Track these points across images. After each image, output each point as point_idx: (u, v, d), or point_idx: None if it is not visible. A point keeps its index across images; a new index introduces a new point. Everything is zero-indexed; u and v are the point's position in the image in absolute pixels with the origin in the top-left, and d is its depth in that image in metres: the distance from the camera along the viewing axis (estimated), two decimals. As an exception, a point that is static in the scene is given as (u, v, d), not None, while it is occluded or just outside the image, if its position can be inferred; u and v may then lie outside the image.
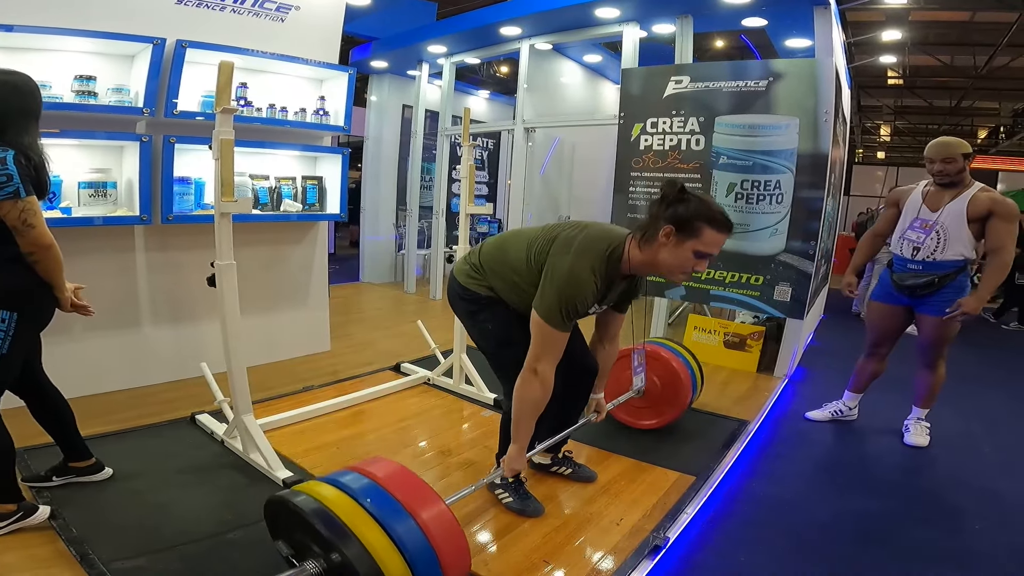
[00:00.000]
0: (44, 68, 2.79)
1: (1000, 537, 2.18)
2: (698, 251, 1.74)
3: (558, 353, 1.87)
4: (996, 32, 8.08)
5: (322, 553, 1.43)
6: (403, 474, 1.59)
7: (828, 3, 3.96)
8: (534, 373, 1.85)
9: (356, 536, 1.37)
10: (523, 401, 1.89)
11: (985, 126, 14.77)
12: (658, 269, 1.82)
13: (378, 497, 1.47)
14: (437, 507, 1.52)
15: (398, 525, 1.42)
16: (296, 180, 3.81)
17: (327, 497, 1.46)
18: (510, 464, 1.97)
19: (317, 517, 1.41)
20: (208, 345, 3.28)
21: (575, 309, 1.82)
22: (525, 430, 1.94)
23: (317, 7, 3.72)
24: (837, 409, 3.30)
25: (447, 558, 1.46)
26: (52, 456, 2.18)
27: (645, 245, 1.81)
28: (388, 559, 1.37)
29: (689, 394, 2.89)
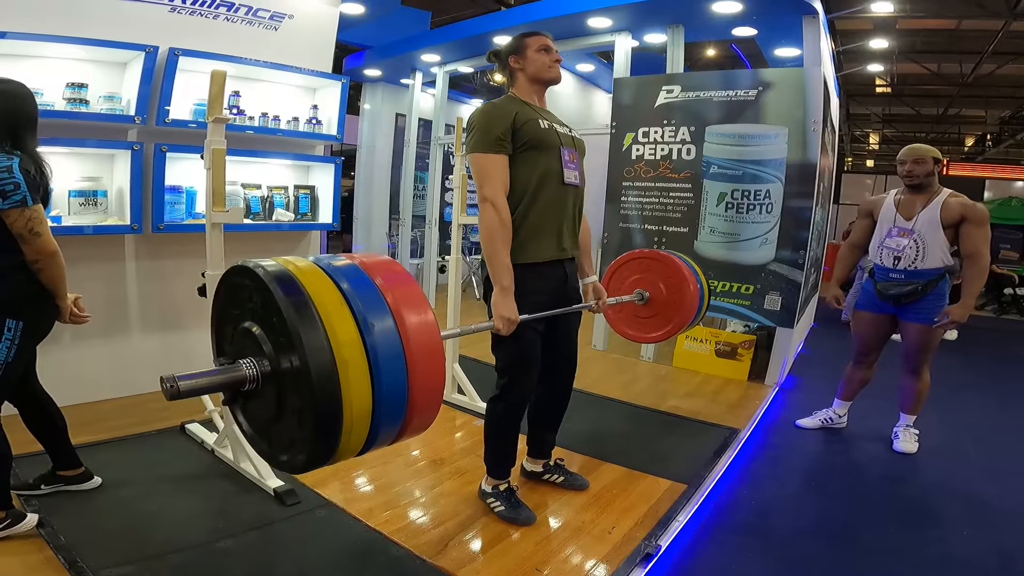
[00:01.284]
0: (36, 75, 2.79)
1: (988, 543, 2.19)
2: (538, 49, 2.09)
3: (499, 177, 1.95)
4: (982, 40, 8.19)
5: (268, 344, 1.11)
6: (394, 268, 1.26)
7: (816, 12, 4.01)
8: (484, 201, 1.94)
9: (320, 316, 1.06)
10: (485, 231, 1.94)
11: (972, 134, 14.94)
12: (535, 78, 2.11)
13: (359, 282, 1.15)
14: (425, 316, 1.19)
15: (374, 319, 1.11)
16: (288, 189, 3.81)
17: (298, 266, 1.14)
18: (498, 311, 1.87)
19: (277, 280, 1.08)
20: (198, 354, 3.24)
21: (499, 133, 1.94)
22: (499, 264, 1.91)
23: (311, 16, 3.73)
24: (827, 417, 3.32)
25: (418, 381, 1.15)
26: (40, 464, 2.16)
27: (515, 81, 2.13)
28: (351, 358, 1.06)
29: (696, 299, 2.58)
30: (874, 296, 3.00)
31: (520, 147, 1.97)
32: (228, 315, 1.26)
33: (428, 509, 2.26)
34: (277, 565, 1.86)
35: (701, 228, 4.07)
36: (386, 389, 1.10)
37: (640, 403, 3.57)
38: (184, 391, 1.06)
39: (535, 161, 2.00)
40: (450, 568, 1.89)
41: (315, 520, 2.13)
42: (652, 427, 3.27)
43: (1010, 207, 11.36)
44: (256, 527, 2.05)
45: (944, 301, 2.85)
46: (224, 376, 1.11)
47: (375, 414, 1.10)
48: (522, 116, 1.99)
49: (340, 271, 1.15)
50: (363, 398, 1.07)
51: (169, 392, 1.05)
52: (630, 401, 3.59)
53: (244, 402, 1.21)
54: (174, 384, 1.05)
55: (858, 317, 3.13)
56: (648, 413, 3.45)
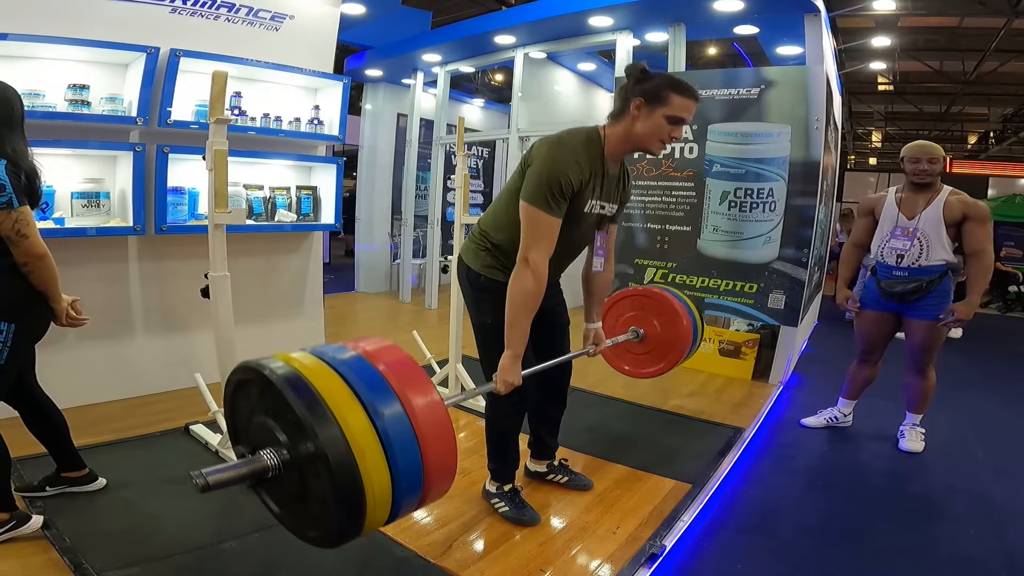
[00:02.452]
0: (37, 77, 2.80)
1: (994, 543, 2.18)
2: (669, 116, 1.79)
3: (549, 241, 1.79)
4: (984, 37, 8.18)
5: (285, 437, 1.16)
6: (395, 352, 1.32)
7: (818, 10, 4.00)
8: (525, 263, 1.77)
9: (332, 412, 1.11)
10: (515, 295, 1.78)
11: (975, 131, 14.91)
12: (635, 140, 1.85)
13: (364, 373, 1.20)
14: (430, 396, 1.25)
15: (383, 407, 1.16)
16: (291, 190, 3.81)
17: (304, 364, 1.18)
18: (503, 375, 1.80)
19: (288, 383, 1.13)
20: (202, 355, 3.26)
21: (560, 188, 1.76)
22: (519, 332, 1.79)
23: (312, 16, 3.73)
24: (832, 416, 3.31)
25: (433, 460, 1.21)
26: (44, 466, 2.16)
27: (619, 123, 1.85)
28: (367, 447, 1.11)
29: (691, 335, 2.66)
30: (877, 294, 2.99)
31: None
32: (239, 406, 1.32)
33: (432, 510, 2.25)
34: (281, 566, 1.86)
35: (704, 227, 4.06)
36: (403, 470, 1.15)
37: (643, 402, 3.56)
38: (213, 484, 1.12)
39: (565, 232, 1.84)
40: (454, 569, 1.89)
41: (319, 521, 2.12)
42: (656, 427, 3.26)
43: (1014, 204, 11.32)
44: (260, 528, 2.04)
45: (948, 298, 2.84)
46: (248, 468, 1.17)
47: (395, 492, 1.16)
48: (586, 182, 1.83)
49: (345, 364, 1.20)
50: (382, 481, 1.13)
51: (200, 487, 1.10)
52: (633, 400, 3.58)
53: (269, 486, 1.26)
54: (203, 479, 1.10)
55: (862, 316, 3.11)
56: (652, 412, 3.44)
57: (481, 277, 2.01)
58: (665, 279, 4.22)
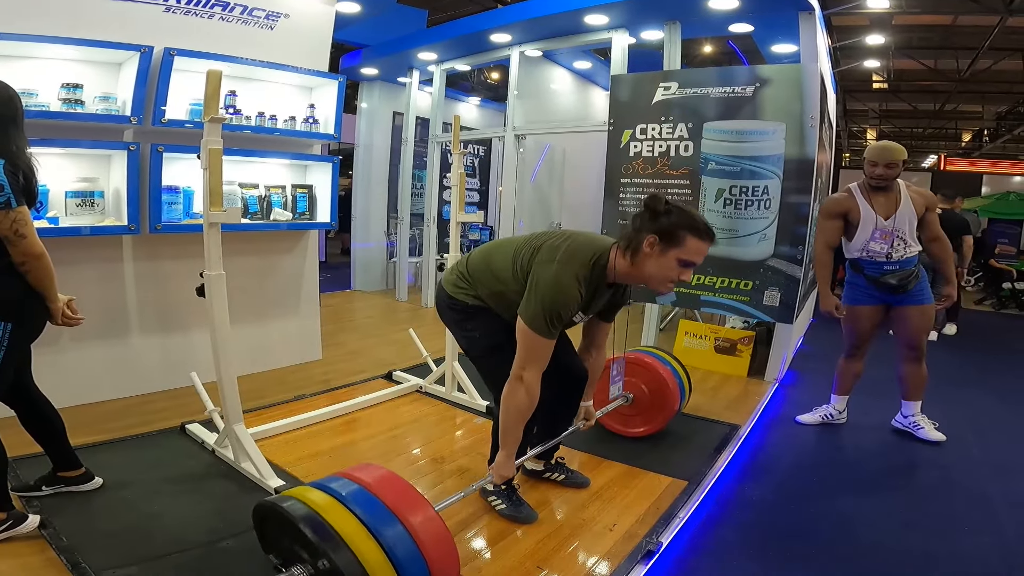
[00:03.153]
0: (30, 76, 2.79)
1: (990, 540, 2.20)
2: (682, 260, 1.78)
3: (543, 361, 1.89)
4: (978, 36, 8.21)
5: (310, 559, 1.43)
6: (392, 480, 1.59)
7: (813, 8, 4.01)
8: (520, 380, 1.87)
9: (345, 542, 1.37)
10: (509, 409, 1.91)
11: (969, 129, 14.97)
12: (643, 279, 1.85)
13: (367, 503, 1.47)
14: (426, 513, 1.52)
15: (387, 531, 1.42)
16: (286, 188, 3.80)
17: (316, 502, 1.45)
18: (499, 471, 1.99)
19: (305, 522, 1.40)
20: (198, 354, 3.26)
21: (559, 317, 1.83)
22: (512, 437, 1.96)
23: (306, 15, 3.72)
24: (827, 413, 3.32)
25: (436, 564, 1.46)
26: (41, 466, 2.16)
27: (630, 255, 1.83)
28: (377, 565, 1.36)
29: (677, 400, 2.91)
30: (868, 288, 3.02)
31: None
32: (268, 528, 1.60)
33: (429, 508, 2.26)
34: (279, 565, 1.86)
35: (699, 225, 4.06)
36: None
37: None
38: None
39: None
40: (452, 566, 1.89)
41: (316, 520, 2.13)
42: (652, 424, 3.27)
43: (1007, 202, 11.39)
44: (257, 527, 2.05)
45: (926, 280, 3.01)
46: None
47: None
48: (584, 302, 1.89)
49: (351, 497, 1.48)
50: None
51: None
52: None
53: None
54: None
55: (854, 312, 3.11)
56: (648, 410, 3.44)
57: (463, 303, 2.09)
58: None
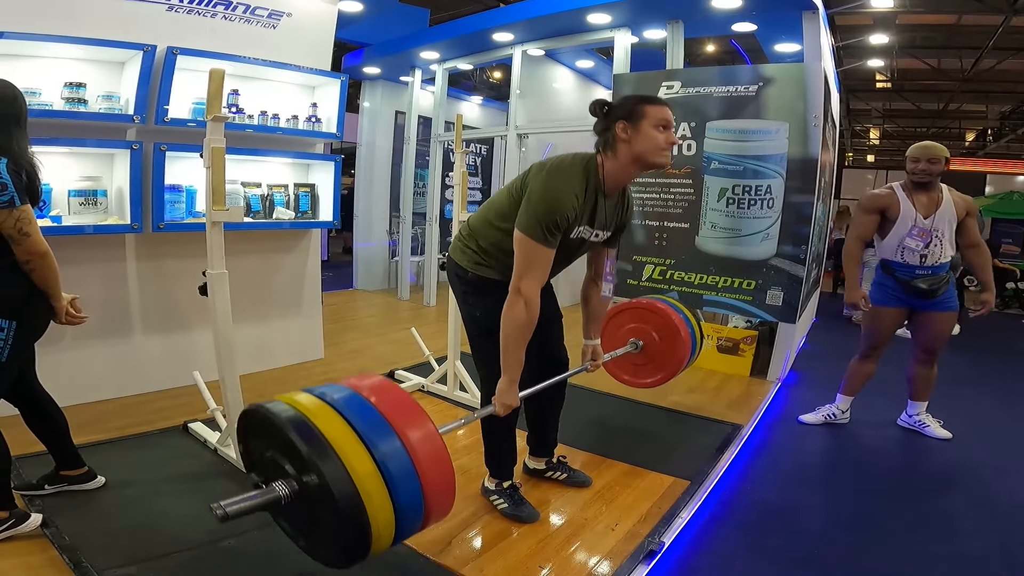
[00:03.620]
0: (34, 75, 2.79)
1: (992, 539, 2.19)
2: (656, 125, 1.83)
3: (542, 272, 1.84)
4: (982, 35, 8.18)
5: (293, 472, 1.27)
6: (391, 389, 1.42)
7: (816, 7, 4.00)
8: (518, 293, 1.81)
9: (334, 449, 1.21)
10: (508, 325, 1.83)
11: (973, 129, 14.93)
12: (640, 159, 1.86)
13: (362, 410, 1.30)
14: (426, 428, 1.35)
15: (381, 443, 1.26)
16: (288, 187, 3.80)
17: (305, 405, 1.29)
18: (501, 398, 1.88)
19: (291, 425, 1.24)
20: (200, 353, 3.26)
21: (555, 222, 1.79)
22: (514, 359, 1.86)
23: (309, 14, 3.72)
24: (830, 413, 3.32)
25: (431, 487, 1.31)
26: (43, 464, 2.16)
27: (613, 151, 1.88)
28: (367, 479, 1.21)
29: (689, 348, 2.74)
30: (897, 290, 3.00)
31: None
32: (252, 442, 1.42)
33: (431, 507, 2.26)
34: (281, 564, 1.86)
35: (702, 224, 4.07)
36: (404, 499, 1.26)
37: (642, 399, 3.56)
38: (232, 515, 1.20)
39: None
40: (454, 566, 1.89)
41: (318, 518, 2.13)
42: (654, 423, 3.26)
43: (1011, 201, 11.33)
44: (260, 526, 2.03)
45: (955, 287, 2.99)
46: (263, 499, 1.26)
47: (398, 519, 1.26)
48: (581, 211, 1.86)
49: (344, 403, 1.30)
50: (386, 509, 1.24)
51: (220, 518, 1.18)
52: (632, 397, 3.58)
53: (283, 513, 1.37)
54: (223, 510, 1.19)
55: (878, 313, 3.08)
56: (650, 409, 3.44)
57: (468, 273, 2.06)
58: (664, 276, 4.23)
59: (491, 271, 2.02)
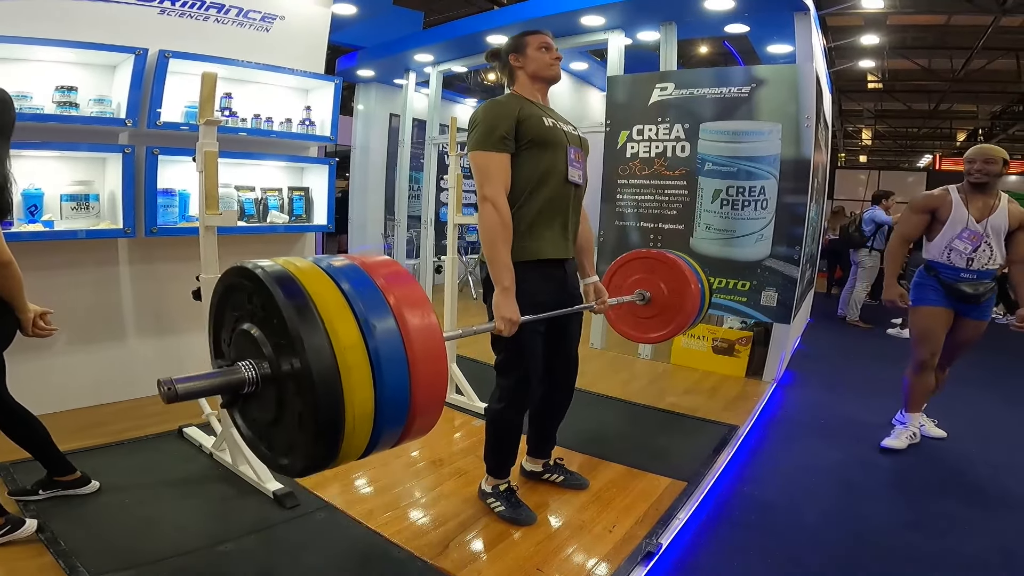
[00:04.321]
0: (25, 78, 2.77)
1: (989, 540, 2.20)
2: (538, 47, 2.09)
3: (500, 175, 1.92)
4: (972, 35, 8.23)
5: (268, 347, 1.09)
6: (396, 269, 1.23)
7: (808, 9, 4.02)
8: (484, 199, 1.90)
9: (322, 320, 1.03)
10: (485, 230, 1.90)
11: (964, 129, 15.01)
12: (536, 77, 2.11)
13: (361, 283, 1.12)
14: (426, 317, 1.16)
15: (375, 319, 1.08)
16: (282, 191, 3.79)
17: (300, 268, 1.11)
18: (499, 312, 1.83)
19: (277, 281, 1.06)
20: (194, 358, 3.22)
21: (499, 130, 1.92)
22: (500, 264, 1.86)
23: (302, 17, 3.71)
24: (912, 432, 3.06)
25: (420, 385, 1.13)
26: (38, 470, 2.14)
27: (515, 80, 2.13)
28: (353, 360, 1.04)
29: (697, 303, 2.58)
30: (939, 292, 2.91)
31: (524, 144, 1.95)
32: (226, 317, 1.23)
33: (428, 510, 2.25)
34: (277, 568, 1.85)
35: (697, 225, 4.08)
36: (389, 392, 1.08)
37: (638, 401, 3.57)
38: (182, 394, 1.04)
39: (539, 158, 1.97)
40: (451, 569, 1.88)
41: (315, 523, 2.12)
42: (651, 425, 3.27)
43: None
44: (256, 530, 2.04)
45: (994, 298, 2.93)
46: (223, 379, 1.09)
47: (377, 417, 1.08)
48: (525, 112, 1.97)
49: (341, 271, 1.12)
50: (365, 401, 1.06)
51: (167, 395, 1.03)
52: (628, 399, 3.60)
53: (243, 405, 1.19)
54: (171, 387, 1.03)
55: (929, 313, 2.92)
56: (646, 411, 3.44)
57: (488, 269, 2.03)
58: (658, 277, 4.23)
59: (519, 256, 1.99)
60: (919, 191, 13.76)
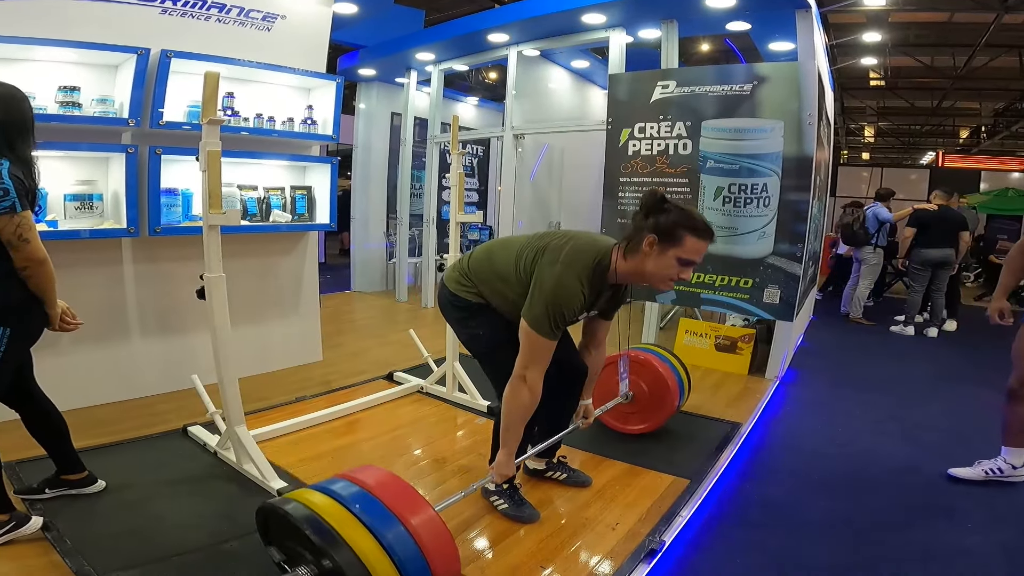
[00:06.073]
0: (28, 79, 2.76)
1: (991, 536, 2.20)
2: (681, 259, 1.79)
3: (546, 361, 1.90)
4: (974, 32, 8.20)
5: (313, 559, 1.45)
6: (393, 481, 1.61)
7: (809, 6, 4.01)
8: (523, 380, 1.88)
9: (346, 542, 1.39)
10: (512, 409, 1.92)
11: (966, 126, 14.97)
12: (644, 278, 1.88)
13: (367, 504, 1.49)
14: (426, 513, 1.54)
15: (388, 531, 1.44)
16: (285, 190, 3.80)
17: (317, 504, 1.48)
18: (499, 470, 2.00)
19: (307, 524, 1.43)
20: (199, 356, 3.25)
21: (563, 317, 1.85)
22: (514, 436, 1.97)
23: (304, 16, 3.72)
24: (994, 468, 2.63)
25: (437, 564, 1.48)
26: (44, 468, 2.16)
27: (630, 255, 1.86)
28: (378, 565, 1.39)
29: (676, 399, 2.91)
30: None
31: None
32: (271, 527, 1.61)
33: (431, 508, 2.26)
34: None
35: (699, 223, 4.07)
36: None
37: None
38: None
39: None
40: (455, 566, 1.89)
41: (318, 521, 2.13)
42: (653, 422, 3.26)
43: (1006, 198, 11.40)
44: (260, 529, 2.05)
45: None
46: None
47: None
48: (582, 308, 1.90)
49: (351, 499, 1.50)
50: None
51: None
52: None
53: None
54: None
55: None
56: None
57: (466, 300, 2.11)
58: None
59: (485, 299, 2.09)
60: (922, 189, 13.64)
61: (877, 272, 6.44)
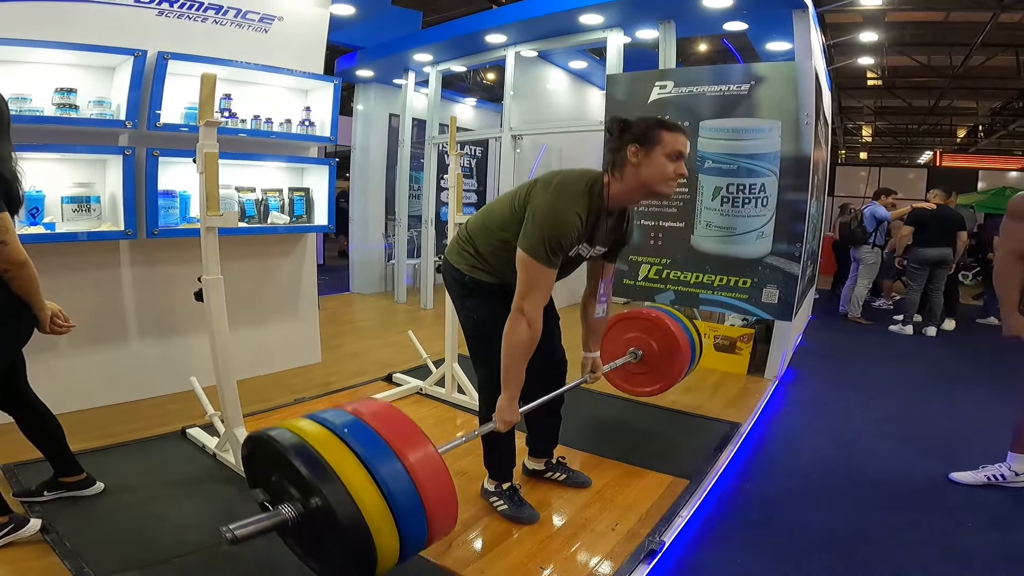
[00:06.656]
0: (24, 81, 2.78)
1: (992, 536, 2.20)
2: (669, 154, 1.80)
3: (545, 292, 1.85)
4: (971, 32, 8.22)
5: (299, 495, 1.32)
6: (391, 413, 1.48)
7: (806, 6, 4.02)
8: (521, 313, 1.82)
9: (336, 474, 1.26)
10: (511, 345, 1.85)
11: (964, 125, 15.00)
12: (646, 186, 1.84)
13: (363, 434, 1.36)
14: (425, 449, 1.40)
15: (382, 466, 1.31)
16: (283, 192, 3.79)
17: (307, 432, 1.34)
18: (502, 415, 1.91)
19: (295, 452, 1.29)
20: (197, 358, 3.24)
21: (559, 244, 1.80)
22: (515, 377, 1.89)
23: (301, 17, 3.72)
24: (998, 473, 2.61)
25: (433, 506, 1.36)
26: (42, 471, 2.15)
27: (620, 173, 1.85)
28: (369, 502, 1.26)
29: (687, 359, 2.77)
30: None
31: None
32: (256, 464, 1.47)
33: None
34: (281, 568, 1.85)
35: (697, 223, 4.07)
36: (407, 519, 1.31)
37: (640, 399, 3.55)
38: (241, 538, 1.25)
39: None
40: (455, 567, 1.89)
41: (317, 523, 2.12)
42: (652, 423, 3.27)
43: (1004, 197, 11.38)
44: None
45: None
46: (271, 522, 1.32)
47: (402, 540, 1.31)
48: (582, 237, 1.87)
49: (344, 428, 1.36)
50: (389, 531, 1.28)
51: (229, 540, 1.23)
52: (630, 397, 3.58)
53: (291, 534, 1.42)
54: (232, 533, 1.24)
55: None
56: (648, 409, 3.44)
57: (466, 276, 2.07)
58: (660, 275, 4.23)
59: (488, 276, 2.04)
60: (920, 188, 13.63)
61: (875, 271, 6.45)
